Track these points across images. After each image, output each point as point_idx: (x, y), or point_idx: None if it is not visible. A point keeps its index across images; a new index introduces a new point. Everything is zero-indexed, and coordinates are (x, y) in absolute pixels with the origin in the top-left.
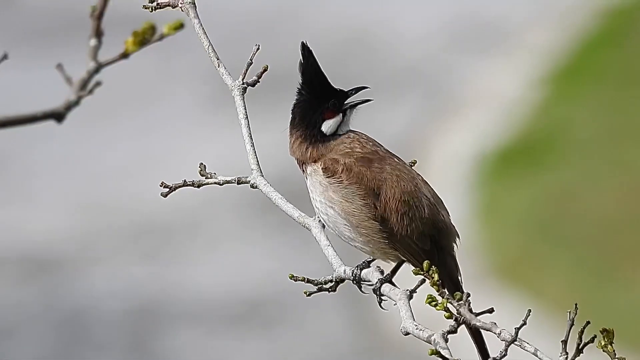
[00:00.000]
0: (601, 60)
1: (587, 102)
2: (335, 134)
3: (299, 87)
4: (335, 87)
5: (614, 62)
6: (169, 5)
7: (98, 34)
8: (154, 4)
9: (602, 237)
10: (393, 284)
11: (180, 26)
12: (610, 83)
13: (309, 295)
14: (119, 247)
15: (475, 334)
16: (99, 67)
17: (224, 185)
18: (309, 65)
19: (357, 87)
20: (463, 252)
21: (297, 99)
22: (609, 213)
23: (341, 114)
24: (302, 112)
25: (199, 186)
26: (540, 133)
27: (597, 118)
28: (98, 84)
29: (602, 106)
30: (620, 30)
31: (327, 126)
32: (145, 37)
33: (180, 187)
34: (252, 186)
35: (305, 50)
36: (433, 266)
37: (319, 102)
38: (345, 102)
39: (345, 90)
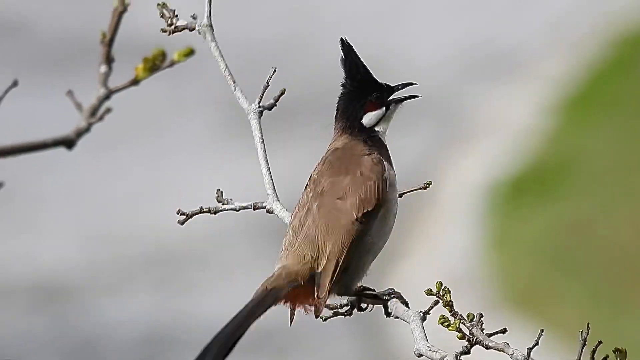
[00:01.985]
0: (613, 89)
1: (599, 130)
2: (373, 131)
3: (343, 80)
4: (380, 81)
5: (626, 91)
6: (186, 28)
7: (108, 60)
8: (172, 27)
9: (617, 268)
10: (405, 303)
11: (190, 53)
12: (623, 112)
13: (325, 319)
14: (130, 276)
15: None
16: (109, 94)
17: (239, 212)
18: (350, 59)
19: (405, 83)
20: (474, 282)
21: (341, 92)
22: (623, 243)
23: (384, 108)
24: (344, 104)
25: (215, 212)
26: (552, 162)
27: (610, 147)
28: (108, 110)
29: (615, 135)
30: (633, 59)
31: (368, 119)
32: (155, 64)
33: (197, 214)
34: (268, 211)
35: (345, 45)
36: (445, 286)
37: (362, 95)
38: (390, 97)
39: (392, 85)
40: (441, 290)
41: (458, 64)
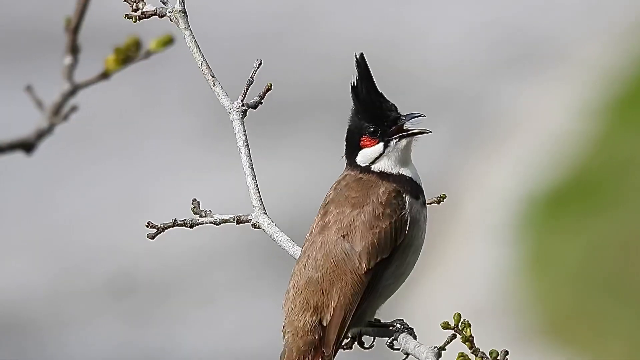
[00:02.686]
0: None
1: None
2: (382, 172)
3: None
4: (388, 107)
5: None
6: (155, 14)
7: (74, 50)
8: (138, 12)
9: None
10: (414, 336)
11: (169, 41)
12: None
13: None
14: (97, 306)
15: None
16: (74, 89)
17: (220, 226)
18: (361, 80)
19: (411, 114)
20: (501, 311)
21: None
22: None
23: (382, 144)
24: (346, 135)
25: (191, 226)
26: (597, 171)
27: None
28: (74, 108)
29: None
30: None
31: (363, 156)
32: (128, 55)
33: (170, 227)
34: (253, 226)
35: (361, 65)
36: (465, 319)
37: (361, 125)
38: (392, 130)
39: (401, 114)
40: (460, 323)
41: (483, 56)
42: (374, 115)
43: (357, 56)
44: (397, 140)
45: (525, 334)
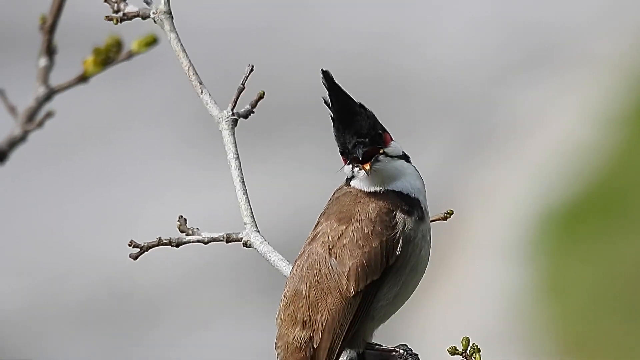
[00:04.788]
0: None
1: None
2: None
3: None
4: (356, 128)
5: None
6: (138, 16)
7: (49, 51)
8: (120, 14)
9: None
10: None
11: (153, 42)
12: None
13: None
14: (71, 330)
15: None
16: (50, 94)
17: (208, 245)
18: (333, 95)
19: (358, 148)
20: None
21: None
22: None
23: (350, 165)
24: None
25: (177, 245)
26: (617, 187)
27: None
28: (50, 114)
29: None
30: None
31: (345, 170)
32: (109, 56)
33: (154, 246)
34: (245, 245)
35: (328, 79)
36: (474, 343)
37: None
38: (353, 157)
39: (379, 129)
40: (468, 348)
41: (492, 55)
42: (340, 135)
43: (322, 72)
44: (358, 168)
45: (543, 358)
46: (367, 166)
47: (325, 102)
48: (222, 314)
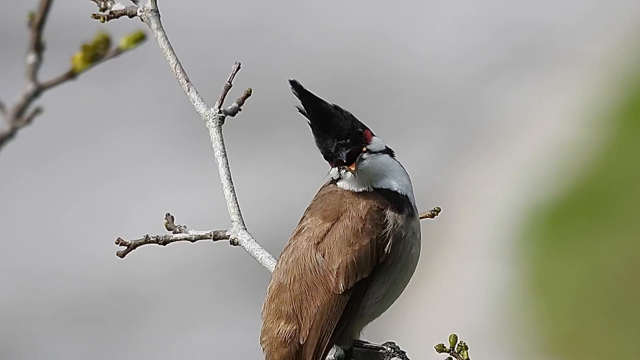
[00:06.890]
0: None
1: None
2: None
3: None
4: (342, 119)
5: None
6: (125, 14)
7: (38, 48)
8: (107, 12)
9: None
10: (404, 359)
11: (141, 38)
12: None
13: None
14: (60, 329)
15: None
16: (39, 90)
17: (195, 243)
18: (305, 103)
19: (341, 151)
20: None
21: None
22: None
23: (337, 169)
24: None
25: (165, 243)
26: (603, 185)
27: None
28: (38, 111)
29: None
30: None
31: (333, 174)
32: (97, 52)
33: (141, 244)
34: (232, 242)
35: (297, 88)
36: (462, 341)
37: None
38: (347, 151)
39: (358, 127)
40: (456, 346)
41: (477, 57)
42: (321, 140)
43: (290, 83)
44: (345, 170)
45: (525, 358)
46: (352, 167)
47: (300, 111)
48: (209, 314)
